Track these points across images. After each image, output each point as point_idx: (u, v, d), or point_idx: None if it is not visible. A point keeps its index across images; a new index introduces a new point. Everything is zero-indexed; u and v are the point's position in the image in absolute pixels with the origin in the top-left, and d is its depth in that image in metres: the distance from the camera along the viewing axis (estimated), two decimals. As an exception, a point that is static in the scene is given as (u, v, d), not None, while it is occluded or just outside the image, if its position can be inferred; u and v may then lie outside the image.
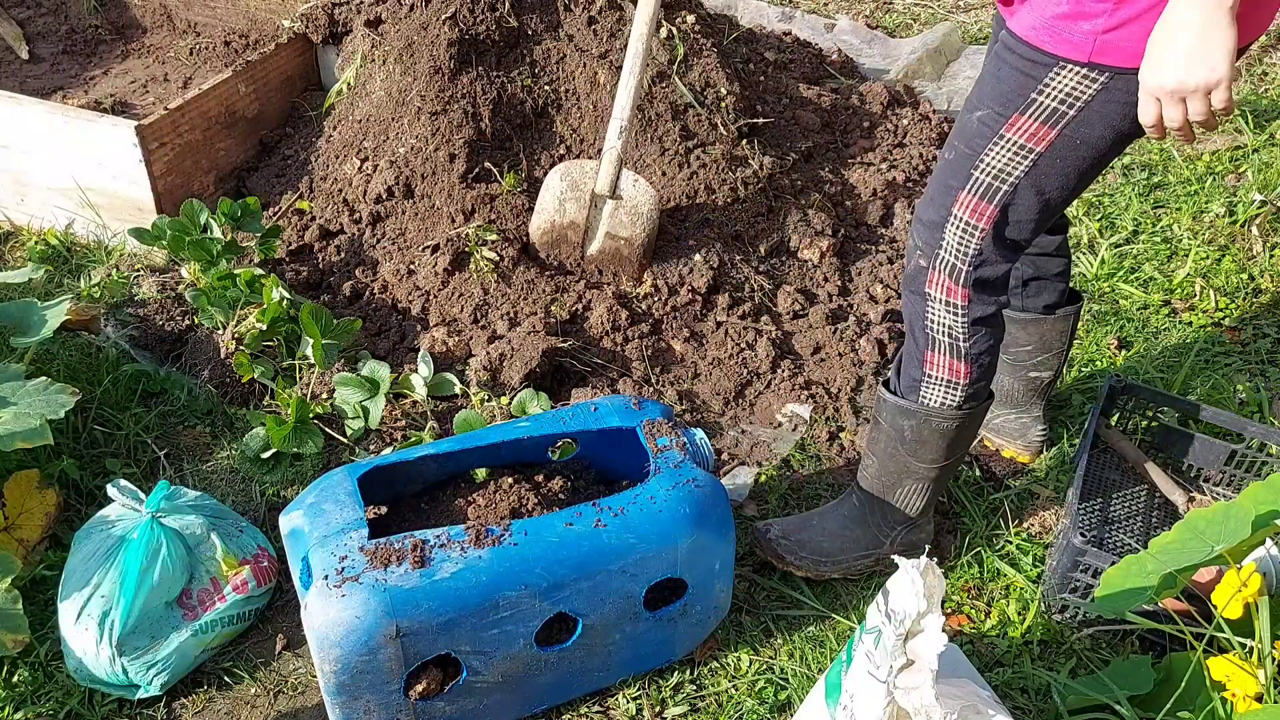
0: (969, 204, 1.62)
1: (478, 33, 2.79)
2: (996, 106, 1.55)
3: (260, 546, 1.94)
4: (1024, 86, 1.51)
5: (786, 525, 2.00)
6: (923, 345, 1.76)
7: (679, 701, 1.81)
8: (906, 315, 1.78)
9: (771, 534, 1.98)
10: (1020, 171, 1.58)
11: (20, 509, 1.98)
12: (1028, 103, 1.52)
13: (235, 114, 2.88)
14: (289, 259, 2.68)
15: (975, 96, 1.60)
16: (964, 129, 1.61)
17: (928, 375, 1.77)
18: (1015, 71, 1.52)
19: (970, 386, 1.77)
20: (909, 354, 1.80)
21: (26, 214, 2.86)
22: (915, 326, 1.76)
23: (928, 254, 1.69)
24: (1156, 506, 2.16)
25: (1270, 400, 2.43)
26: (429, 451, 1.77)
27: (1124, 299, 2.76)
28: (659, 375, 2.43)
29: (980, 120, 1.57)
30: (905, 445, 1.84)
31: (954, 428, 1.80)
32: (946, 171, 1.64)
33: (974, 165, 1.59)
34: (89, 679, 1.77)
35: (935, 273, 1.69)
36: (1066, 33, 1.45)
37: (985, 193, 1.60)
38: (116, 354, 2.40)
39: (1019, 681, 1.84)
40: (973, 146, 1.59)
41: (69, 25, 3.66)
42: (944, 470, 1.87)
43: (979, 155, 1.58)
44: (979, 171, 1.59)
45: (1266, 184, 3.11)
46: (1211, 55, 1.30)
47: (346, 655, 1.50)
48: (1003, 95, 1.54)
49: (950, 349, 1.73)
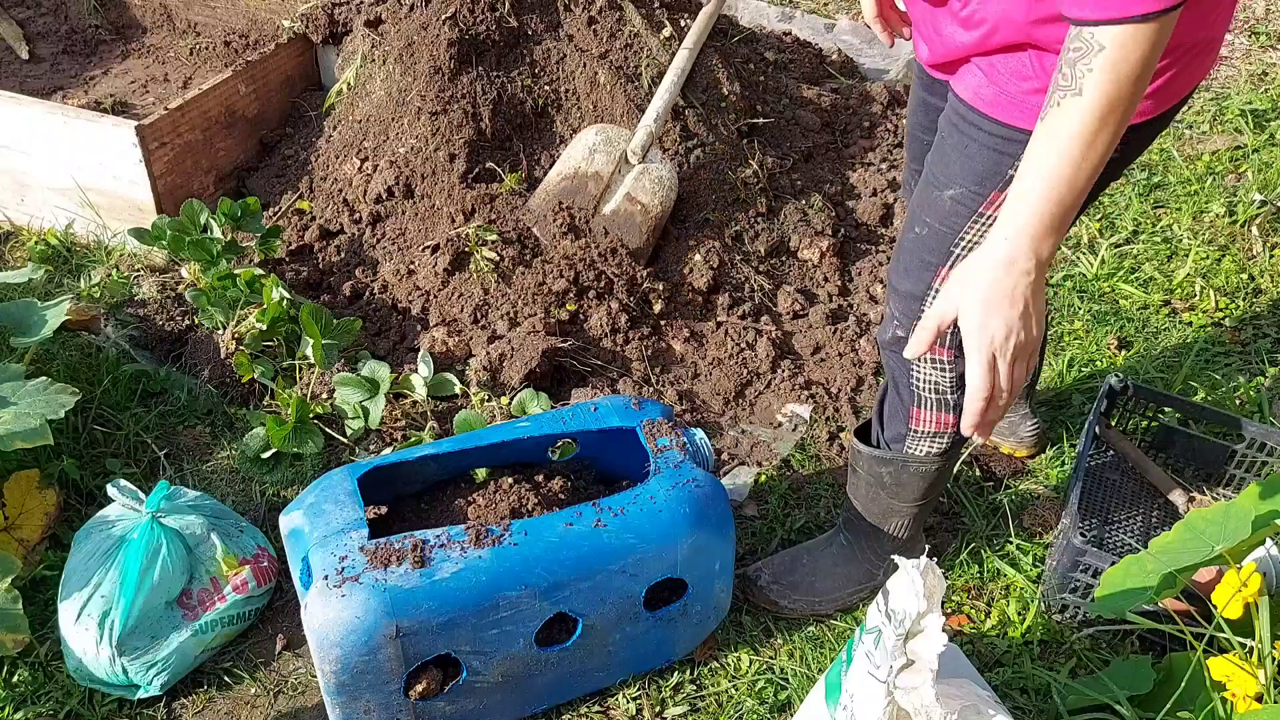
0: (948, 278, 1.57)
1: (478, 33, 2.79)
2: (972, 185, 1.48)
3: (260, 546, 1.94)
4: (999, 164, 1.45)
5: (776, 569, 1.96)
6: (908, 402, 1.71)
7: (679, 701, 1.81)
8: (889, 372, 1.73)
9: (762, 580, 1.94)
10: None
11: (20, 509, 1.98)
12: (1005, 179, 1.45)
13: (235, 114, 2.88)
14: (289, 259, 2.68)
15: (943, 174, 1.52)
16: (935, 206, 1.53)
17: (914, 430, 1.73)
18: (987, 150, 1.45)
19: (956, 434, 1.72)
20: (893, 409, 1.75)
21: (26, 214, 2.86)
22: (900, 384, 1.71)
23: (905, 324, 1.63)
24: (1156, 506, 2.16)
25: (1270, 400, 2.43)
26: (429, 451, 1.77)
27: (1124, 299, 2.76)
28: (659, 375, 2.43)
29: (954, 199, 1.50)
30: (886, 490, 1.82)
31: (934, 471, 1.77)
32: (921, 247, 1.57)
33: (953, 243, 1.53)
34: (89, 679, 1.77)
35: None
36: (1034, 106, 1.38)
37: None
38: (116, 354, 2.40)
39: (1019, 681, 1.84)
40: (949, 225, 1.53)
41: (69, 25, 3.66)
42: (928, 504, 1.85)
43: (958, 233, 1.52)
44: (959, 248, 1.53)
45: (1266, 184, 3.11)
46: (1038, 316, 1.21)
47: (346, 655, 1.50)
48: (977, 174, 1.47)
49: (938, 404, 1.69)
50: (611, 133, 2.63)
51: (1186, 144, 3.39)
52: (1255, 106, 3.51)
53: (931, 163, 1.57)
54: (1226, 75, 3.79)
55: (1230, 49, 3.98)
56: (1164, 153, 3.34)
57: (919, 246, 1.58)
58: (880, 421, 1.79)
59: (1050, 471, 2.26)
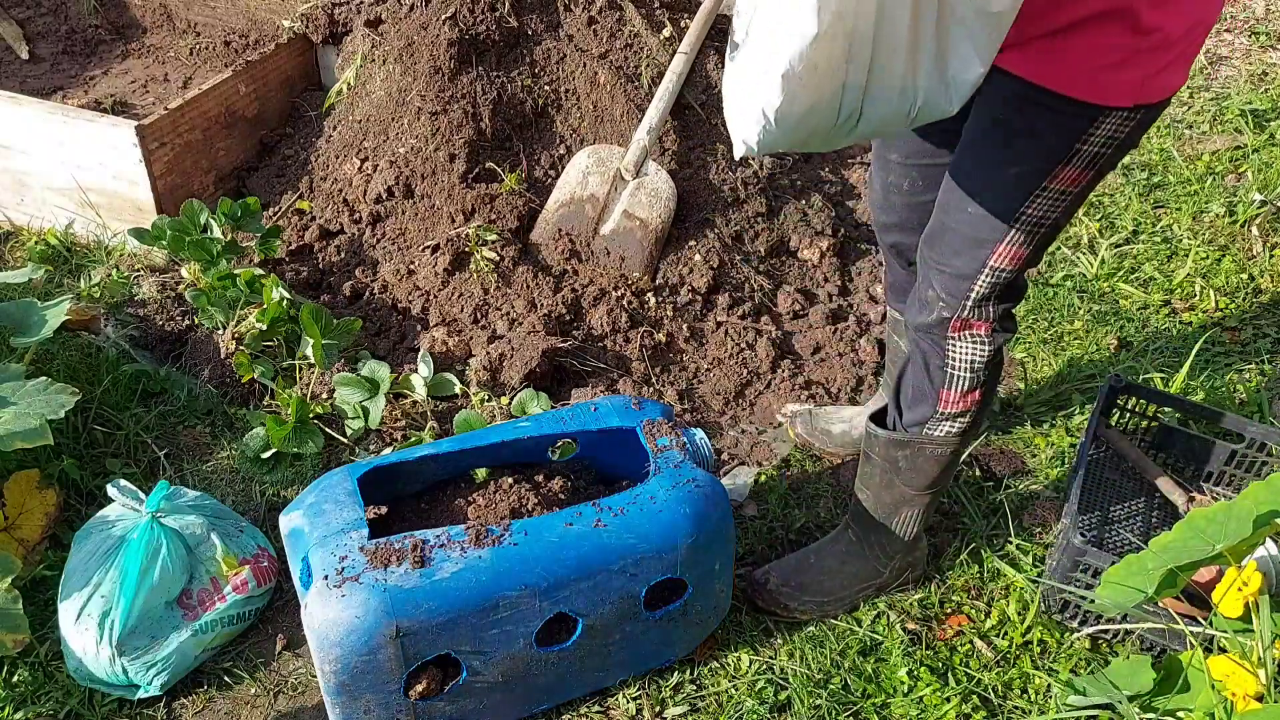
0: (1007, 254, 1.59)
1: (478, 33, 2.79)
2: (1039, 163, 1.50)
3: (260, 546, 1.94)
4: (1069, 139, 1.46)
5: (784, 571, 1.95)
6: (938, 384, 1.72)
7: (679, 701, 1.81)
8: (919, 360, 1.74)
9: (770, 584, 1.93)
10: (1058, 213, 1.56)
11: (20, 509, 1.98)
12: (1072, 153, 1.48)
13: (235, 114, 2.88)
14: (289, 259, 2.68)
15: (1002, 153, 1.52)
16: (993, 185, 1.54)
17: (940, 412, 1.74)
18: (1055, 126, 1.46)
19: (977, 413, 1.75)
20: (919, 392, 1.76)
21: (26, 214, 2.86)
22: (932, 367, 1.72)
23: (952, 304, 1.65)
24: (1156, 506, 2.16)
25: (1270, 400, 2.43)
26: (429, 451, 1.77)
27: (1124, 299, 2.76)
28: (659, 375, 2.43)
29: (1018, 176, 1.52)
30: (901, 475, 1.83)
31: (950, 453, 1.79)
32: (976, 226, 1.58)
33: (1014, 218, 1.55)
34: (89, 679, 1.77)
35: (961, 319, 1.66)
36: (1114, 83, 1.41)
37: (1024, 240, 1.58)
38: (116, 354, 2.40)
39: (1019, 681, 1.84)
40: (1011, 201, 1.54)
41: (69, 25, 3.66)
42: (938, 493, 1.87)
43: (1020, 208, 1.54)
44: (1019, 223, 1.55)
45: (1266, 184, 3.11)
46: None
47: (346, 655, 1.50)
48: (1041, 152, 1.49)
49: (970, 381, 1.71)
50: (604, 153, 2.63)
51: (1186, 144, 3.39)
52: (1255, 106, 3.51)
53: (982, 144, 1.57)
54: (1226, 75, 3.79)
55: (1230, 49, 3.98)
56: (1164, 153, 3.34)
57: (973, 225, 1.58)
58: (898, 407, 1.80)
59: (1050, 471, 2.26)
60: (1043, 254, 1.64)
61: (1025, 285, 1.70)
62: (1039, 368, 2.53)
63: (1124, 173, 3.25)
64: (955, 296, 1.64)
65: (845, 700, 1.80)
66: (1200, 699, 1.51)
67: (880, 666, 1.87)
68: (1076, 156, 1.48)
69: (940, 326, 1.67)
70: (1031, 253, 1.60)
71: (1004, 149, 1.52)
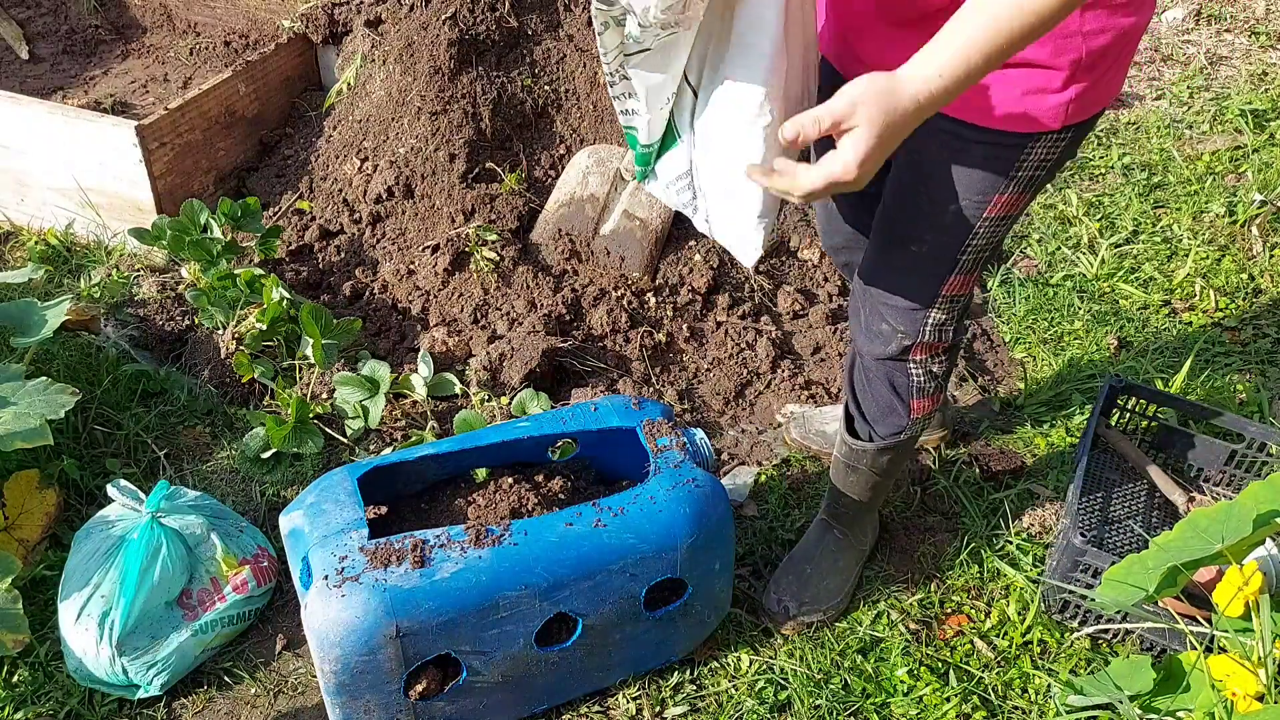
0: (957, 283, 1.60)
1: (478, 33, 2.79)
2: (975, 196, 1.49)
3: (260, 546, 1.94)
4: (1001, 170, 1.46)
5: (792, 591, 1.93)
6: (908, 398, 1.74)
7: (679, 701, 1.81)
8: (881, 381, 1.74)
9: (791, 611, 1.91)
10: (1000, 236, 1.57)
11: (20, 509, 1.98)
12: (1007, 182, 1.47)
13: (235, 114, 2.88)
14: (289, 259, 2.68)
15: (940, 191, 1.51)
16: (934, 221, 1.54)
17: (914, 418, 1.77)
18: (987, 159, 1.46)
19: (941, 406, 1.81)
20: (886, 409, 1.77)
21: (26, 214, 2.86)
22: (898, 386, 1.73)
23: (911, 333, 1.65)
24: (1156, 506, 2.16)
25: (1270, 400, 2.43)
26: (429, 451, 1.77)
27: (1124, 299, 2.76)
28: (659, 375, 2.43)
29: (956, 213, 1.51)
30: (884, 475, 1.87)
31: (919, 434, 1.83)
32: (924, 262, 1.58)
33: (960, 251, 1.55)
34: (89, 679, 1.77)
35: (921, 347, 1.67)
36: (1041, 110, 1.40)
37: (971, 267, 1.59)
38: (116, 354, 2.40)
39: (1019, 681, 1.84)
40: (955, 235, 1.54)
41: (69, 25, 3.66)
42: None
43: (964, 241, 1.54)
44: (966, 253, 1.56)
45: (1266, 184, 3.11)
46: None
47: (346, 655, 1.50)
48: (978, 185, 1.48)
49: (937, 385, 1.74)
50: (604, 152, 2.63)
51: (1186, 144, 3.39)
52: (1255, 106, 3.51)
53: (916, 187, 1.56)
54: (1226, 75, 3.79)
55: (1230, 49, 3.98)
56: (1164, 153, 3.34)
57: (921, 262, 1.59)
58: (869, 424, 1.80)
59: (1050, 471, 2.25)
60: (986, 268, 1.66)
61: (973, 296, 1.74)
62: (1039, 368, 2.53)
63: (1124, 173, 3.25)
64: (912, 325, 1.64)
65: (845, 700, 1.80)
66: (1200, 699, 1.51)
67: (880, 666, 1.87)
68: (1013, 184, 1.48)
69: (903, 354, 1.68)
70: (978, 275, 1.64)
71: (940, 188, 1.51)
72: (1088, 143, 3.40)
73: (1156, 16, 4.20)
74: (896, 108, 1.16)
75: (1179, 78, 3.77)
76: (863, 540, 2.00)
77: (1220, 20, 4.15)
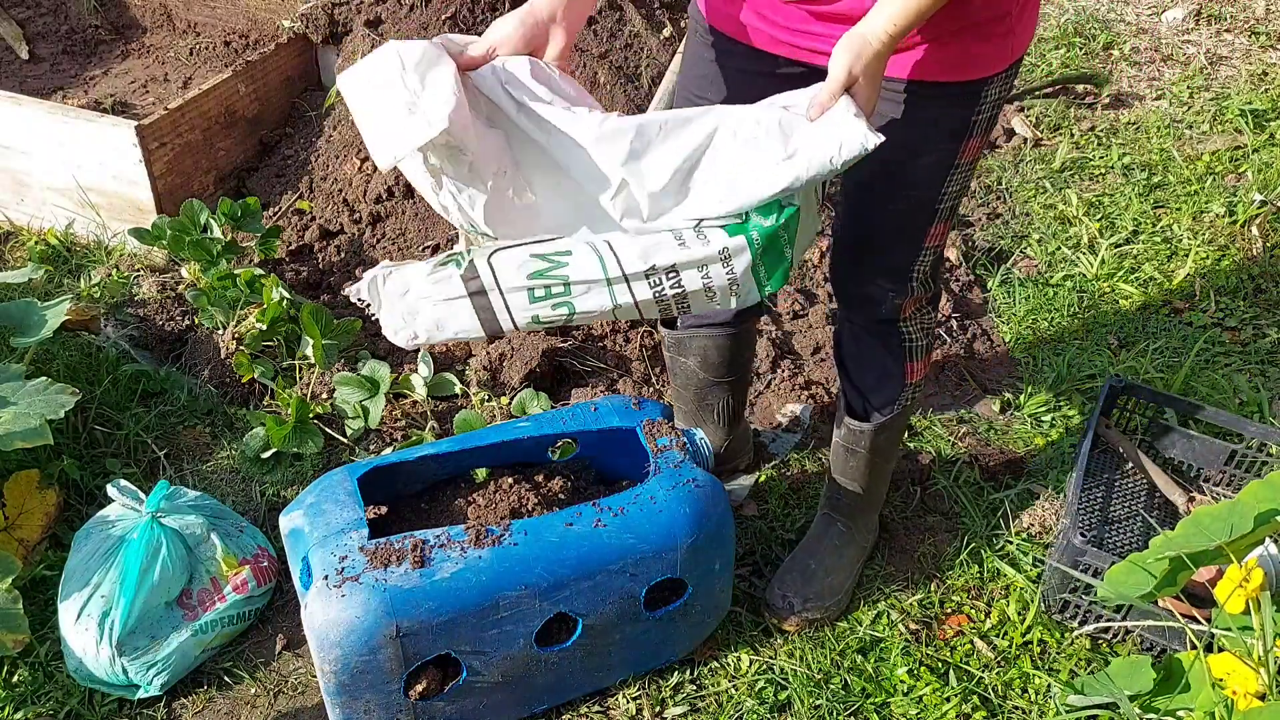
0: (938, 232, 1.66)
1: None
2: (943, 147, 1.57)
3: (260, 546, 1.94)
4: (965, 117, 1.54)
5: (796, 588, 1.92)
6: (902, 360, 1.79)
7: (679, 701, 1.81)
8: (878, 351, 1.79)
9: (795, 606, 1.91)
10: (969, 179, 1.64)
11: (20, 509, 1.98)
12: (969, 127, 1.55)
13: (235, 114, 2.88)
14: (289, 259, 2.68)
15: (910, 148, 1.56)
16: (910, 177, 1.60)
17: (908, 384, 1.82)
18: (950, 112, 1.54)
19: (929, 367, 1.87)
20: (881, 378, 1.81)
21: (26, 214, 2.86)
22: (891, 349, 1.78)
23: (901, 290, 1.71)
24: (1156, 506, 2.16)
25: (1270, 400, 2.43)
26: (429, 451, 1.77)
27: (1124, 299, 2.76)
28: (659, 375, 2.43)
29: (931, 165, 1.58)
30: (883, 454, 1.90)
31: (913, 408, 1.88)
32: (905, 218, 1.64)
33: (937, 201, 1.62)
34: (89, 679, 1.77)
35: (910, 301, 1.73)
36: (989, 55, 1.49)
37: (948, 215, 1.65)
38: (116, 354, 2.40)
39: (1019, 681, 1.84)
40: (931, 187, 1.60)
41: (69, 25, 3.66)
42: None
43: (940, 190, 1.61)
44: (943, 202, 1.62)
45: (1266, 184, 3.11)
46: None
47: (346, 655, 1.50)
48: (944, 135, 1.56)
49: (928, 344, 1.81)
50: None
51: (1186, 144, 3.39)
52: (1255, 106, 3.51)
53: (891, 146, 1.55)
54: (1226, 75, 3.79)
55: (1230, 49, 3.98)
56: (1164, 153, 3.34)
57: (902, 218, 1.65)
58: (865, 398, 1.85)
59: (1050, 471, 2.26)
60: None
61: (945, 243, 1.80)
62: (1039, 368, 2.53)
63: (1124, 173, 3.25)
64: (902, 282, 1.70)
65: (845, 700, 1.80)
66: (1201, 698, 1.51)
67: (880, 666, 1.87)
68: (976, 127, 1.56)
69: (895, 313, 1.74)
70: (953, 222, 1.70)
71: (914, 146, 1.56)
72: (1088, 143, 3.40)
73: (1157, 16, 4.20)
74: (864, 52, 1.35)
75: (1179, 78, 3.77)
76: (865, 536, 2.01)
77: (1220, 20, 4.15)
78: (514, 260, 1.36)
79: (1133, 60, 3.90)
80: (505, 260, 1.36)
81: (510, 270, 1.36)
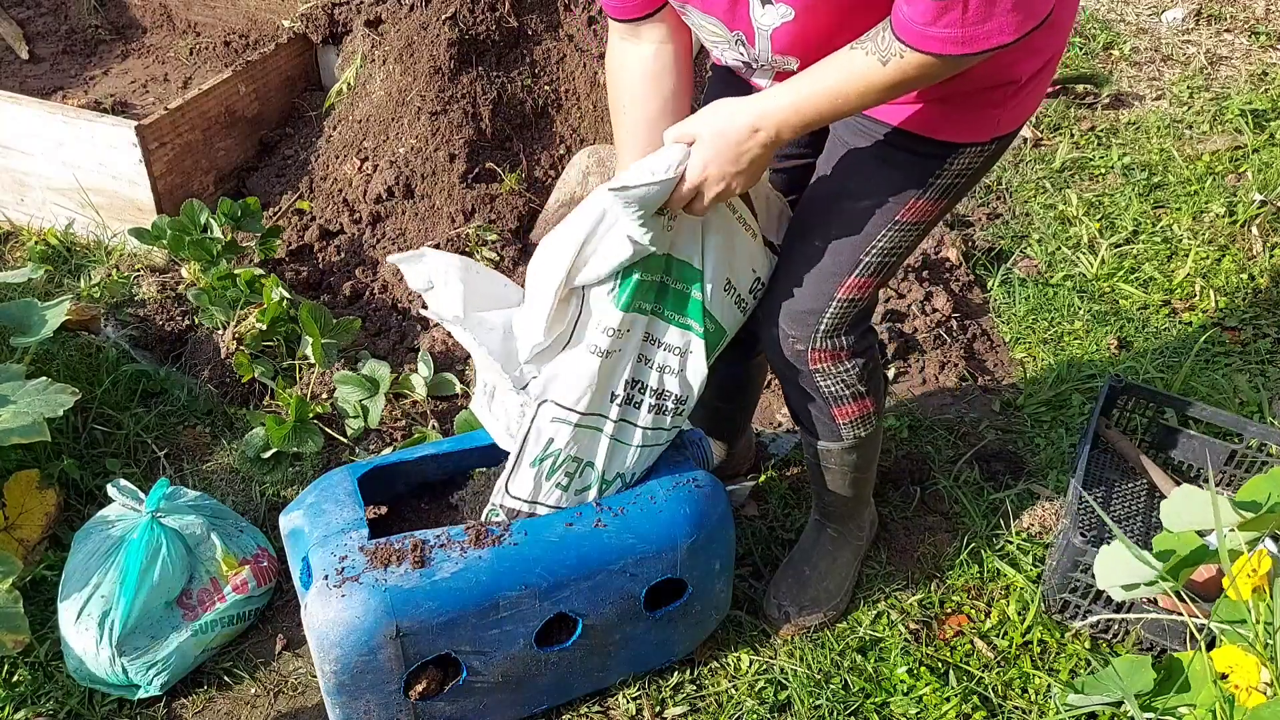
0: (854, 285, 1.58)
1: (478, 33, 2.79)
2: (888, 196, 1.50)
3: (260, 546, 1.94)
4: (922, 175, 1.47)
5: (790, 596, 1.92)
6: (827, 407, 1.71)
7: (679, 701, 1.81)
8: (797, 392, 1.73)
9: (790, 614, 1.90)
10: (909, 244, 1.56)
11: (20, 509, 1.98)
12: (924, 188, 1.48)
13: (235, 114, 2.88)
14: (289, 259, 2.68)
15: (855, 186, 1.52)
16: (842, 217, 1.54)
17: (843, 424, 1.74)
18: (910, 164, 1.47)
19: (879, 407, 1.76)
20: (815, 417, 1.75)
21: (26, 214, 2.86)
22: (810, 392, 1.70)
23: (803, 339, 1.62)
24: (1156, 506, 2.16)
25: (1270, 400, 2.43)
26: (429, 451, 1.77)
27: (1124, 299, 2.76)
28: (659, 375, 2.43)
29: (868, 210, 1.51)
30: (858, 470, 1.85)
31: (879, 432, 1.82)
32: (822, 261, 1.56)
33: (863, 252, 1.54)
34: (89, 679, 1.77)
35: (816, 351, 1.64)
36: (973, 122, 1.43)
37: (873, 272, 1.57)
38: (116, 354, 2.40)
39: (1019, 681, 1.84)
40: (862, 233, 1.53)
41: (69, 25, 3.66)
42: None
43: (870, 241, 1.53)
44: (868, 256, 1.54)
45: (1266, 184, 3.11)
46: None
47: (346, 655, 1.50)
48: (895, 185, 1.49)
49: (852, 395, 1.70)
50: (604, 152, 2.63)
51: (1186, 144, 3.39)
52: (1255, 106, 3.51)
53: (834, 176, 1.56)
54: (1226, 75, 3.80)
55: (1230, 49, 3.98)
56: (1164, 153, 3.34)
57: (819, 259, 1.57)
58: (810, 427, 1.79)
59: (1050, 471, 2.26)
60: (888, 282, 1.64)
61: (875, 303, 1.70)
62: (1039, 368, 2.53)
63: (1124, 173, 3.25)
64: (804, 329, 1.62)
65: (845, 700, 1.80)
66: (1203, 695, 1.51)
67: (880, 666, 1.87)
68: (930, 190, 1.49)
69: (799, 359, 1.65)
70: (878, 283, 1.60)
71: (857, 184, 1.51)
72: (1088, 143, 3.40)
73: (1157, 16, 4.21)
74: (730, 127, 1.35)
75: (1179, 78, 3.78)
76: (859, 535, 1.99)
77: (1220, 20, 4.15)
78: (525, 479, 1.58)
79: (1133, 60, 3.91)
80: (518, 485, 1.59)
81: (526, 488, 1.59)
